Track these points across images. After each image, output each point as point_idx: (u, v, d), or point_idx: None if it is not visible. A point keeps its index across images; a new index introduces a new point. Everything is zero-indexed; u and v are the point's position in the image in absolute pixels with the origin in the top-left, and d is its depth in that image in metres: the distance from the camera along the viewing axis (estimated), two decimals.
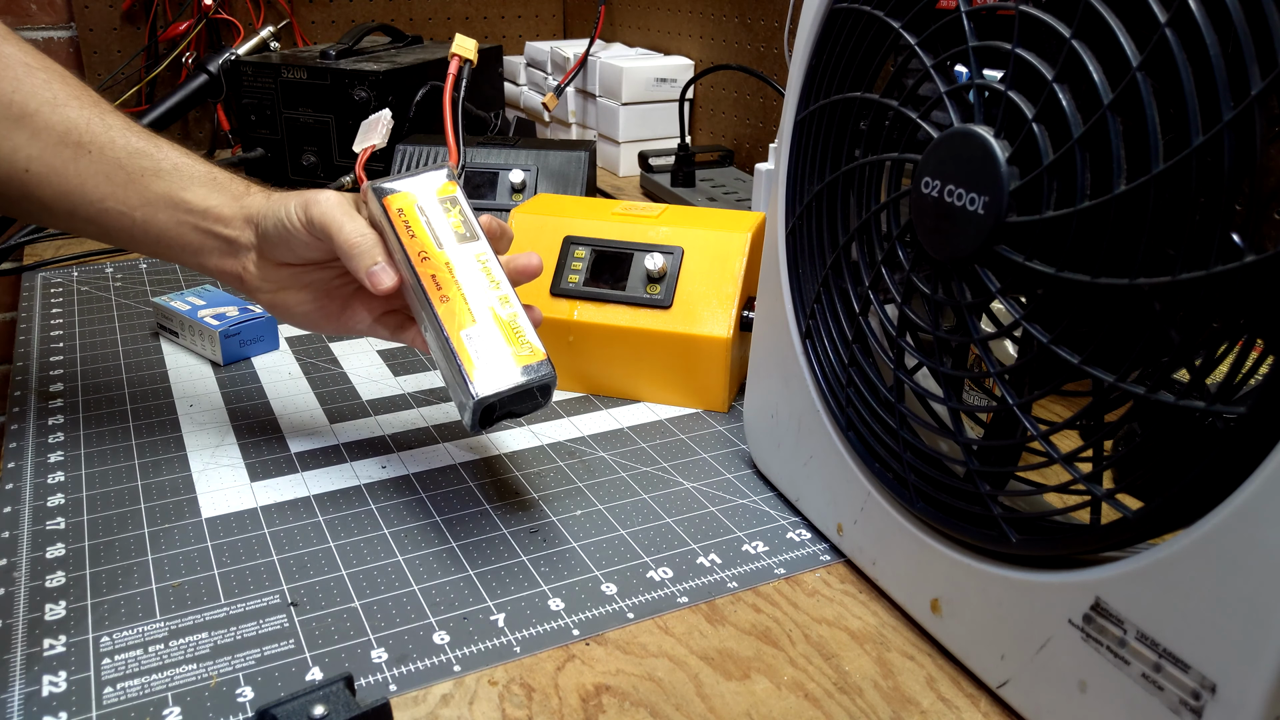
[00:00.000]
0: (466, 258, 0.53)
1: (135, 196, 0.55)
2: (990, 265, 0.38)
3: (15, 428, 0.63)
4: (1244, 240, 0.30)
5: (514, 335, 0.51)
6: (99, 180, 0.54)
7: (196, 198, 0.55)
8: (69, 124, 0.55)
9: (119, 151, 0.55)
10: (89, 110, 0.56)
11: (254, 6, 1.37)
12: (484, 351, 0.50)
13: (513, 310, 0.52)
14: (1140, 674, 0.34)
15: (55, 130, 0.54)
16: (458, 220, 0.54)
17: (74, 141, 0.54)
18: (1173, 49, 0.30)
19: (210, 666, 0.43)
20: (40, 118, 0.54)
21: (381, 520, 0.54)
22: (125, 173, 0.55)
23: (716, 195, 1.08)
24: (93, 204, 0.55)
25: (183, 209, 0.55)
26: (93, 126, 0.55)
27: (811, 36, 0.49)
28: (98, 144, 0.55)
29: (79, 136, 0.55)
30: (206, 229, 0.55)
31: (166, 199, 0.55)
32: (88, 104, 0.56)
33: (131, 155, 0.55)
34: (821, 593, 0.50)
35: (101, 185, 0.55)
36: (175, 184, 0.55)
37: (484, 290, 0.52)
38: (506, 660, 0.44)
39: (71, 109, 0.55)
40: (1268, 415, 0.29)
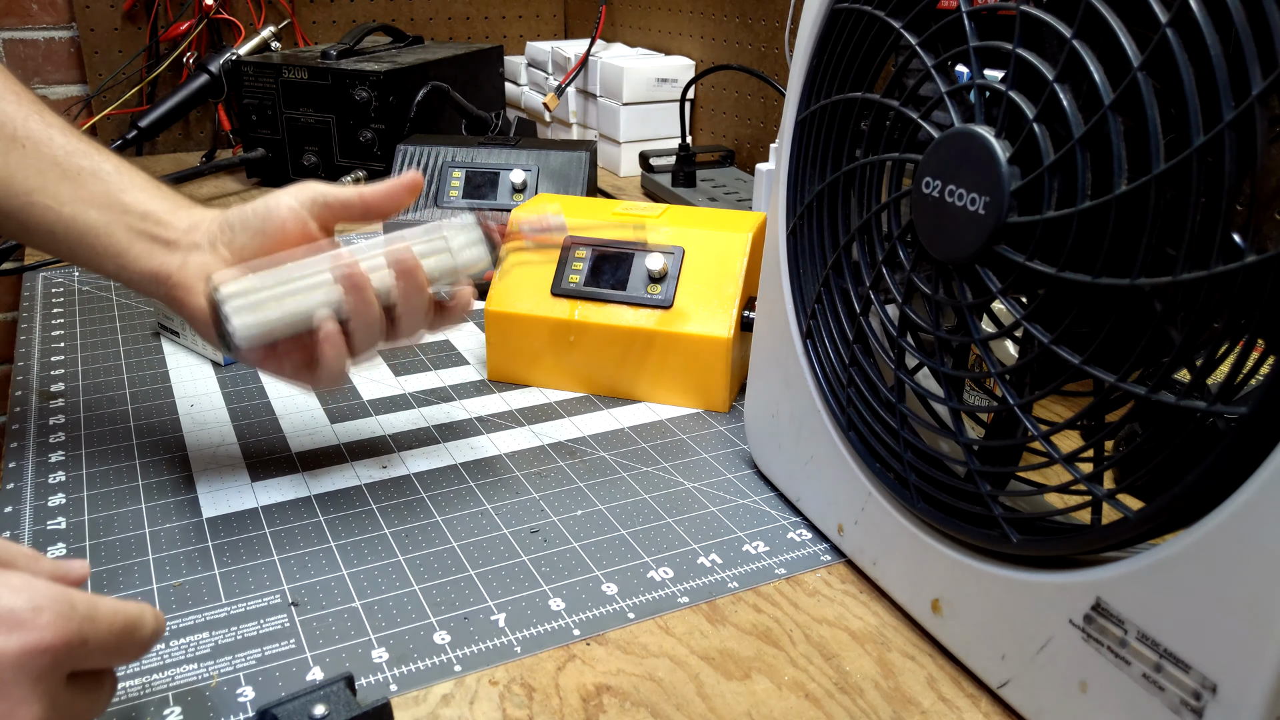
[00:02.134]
0: None
1: (67, 193, 0.53)
2: (991, 265, 0.38)
3: (16, 427, 0.63)
4: (1245, 240, 0.30)
5: None
6: (29, 174, 0.52)
7: (135, 200, 0.53)
8: (3, 117, 0.53)
9: (56, 150, 0.53)
10: (28, 108, 0.54)
11: (255, 6, 1.37)
12: None
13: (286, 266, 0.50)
14: (1141, 674, 0.34)
15: None
16: None
17: (7, 135, 0.53)
18: (1174, 49, 0.30)
19: (211, 666, 0.43)
20: None
21: (382, 520, 0.54)
22: (60, 170, 0.53)
23: (717, 195, 1.08)
24: (18, 196, 0.53)
25: (118, 209, 0.53)
26: (30, 123, 0.54)
27: (812, 37, 0.49)
28: (34, 140, 0.53)
29: (13, 130, 0.53)
30: (142, 229, 0.53)
31: (103, 198, 0.53)
32: (27, 102, 0.55)
33: (70, 154, 0.53)
34: (822, 593, 0.50)
35: (31, 179, 0.52)
36: (115, 185, 0.53)
37: None
38: (507, 660, 0.44)
39: (8, 103, 0.54)
40: (1269, 416, 0.29)
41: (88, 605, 0.32)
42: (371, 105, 1.08)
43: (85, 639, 0.32)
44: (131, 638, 0.34)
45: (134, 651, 0.35)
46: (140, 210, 0.53)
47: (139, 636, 0.35)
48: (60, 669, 0.32)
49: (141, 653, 0.35)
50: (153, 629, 0.35)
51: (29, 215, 0.53)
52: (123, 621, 0.34)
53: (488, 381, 0.72)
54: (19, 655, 0.30)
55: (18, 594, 0.31)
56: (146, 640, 0.35)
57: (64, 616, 0.31)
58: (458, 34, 1.56)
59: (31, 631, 0.30)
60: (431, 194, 0.96)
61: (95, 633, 0.32)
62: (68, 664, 0.32)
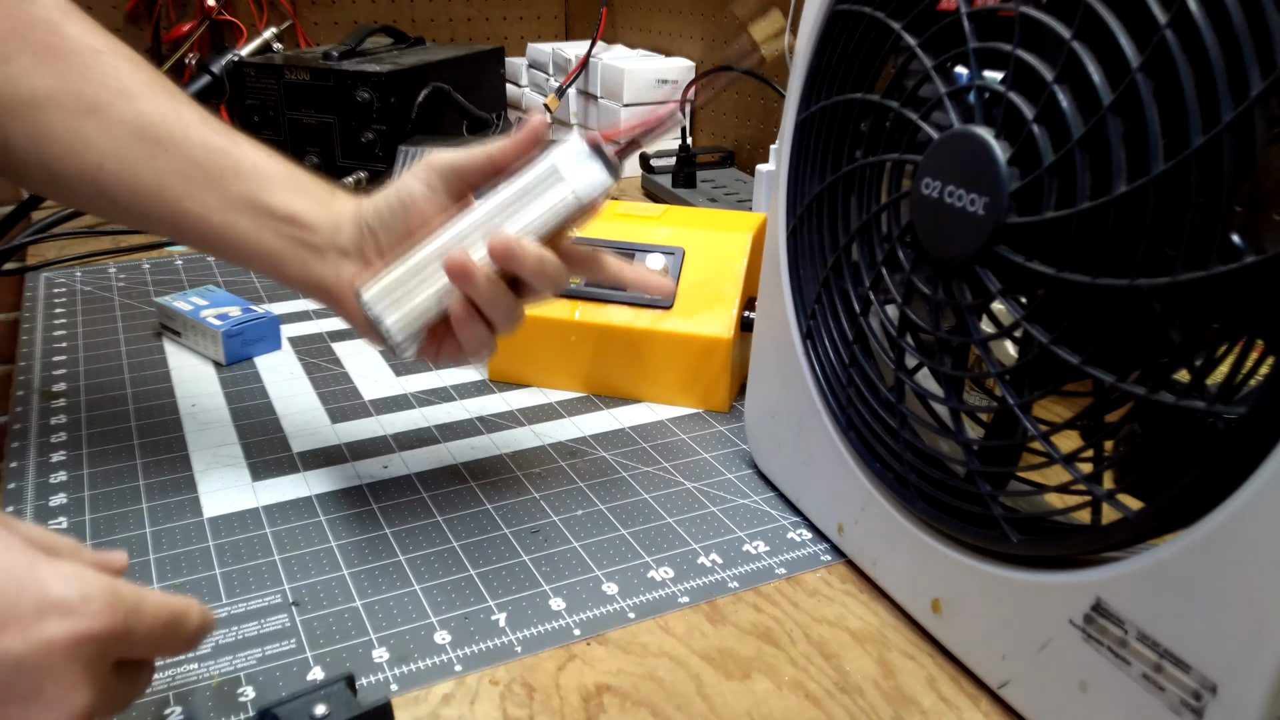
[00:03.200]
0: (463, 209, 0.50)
1: (214, 198, 0.51)
2: (990, 266, 0.38)
3: (18, 427, 0.63)
4: (1244, 241, 0.30)
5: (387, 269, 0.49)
6: (176, 180, 0.50)
7: (280, 201, 0.51)
8: (144, 118, 0.51)
9: (196, 149, 0.51)
10: (164, 103, 0.52)
11: (257, 8, 1.37)
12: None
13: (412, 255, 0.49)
14: (1141, 674, 0.35)
15: (129, 125, 0.50)
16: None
17: (150, 138, 0.50)
18: (1173, 50, 0.30)
19: (212, 666, 0.43)
20: (113, 110, 0.50)
21: (383, 520, 0.54)
22: (203, 172, 0.51)
23: (717, 196, 1.08)
24: (169, 205, 0.51)
25: (263, 212, 0.51)
26: (168, 121, 0.51)
27: (812, 38, 0.49)
28: (174, 141, 0.51)
29: (155, 132, 0.50)
30: (290, 235, 0.51)
31: (246, 201, 0.51)
32: (160, 94, 0.52)
33: (210, 153, 0.51)
34: (822, 593, 0.50)
35: (178, 185, 0.50)
36: (256, 185, 0.51)
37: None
38: (508, 660, 0.44)
39: (145, 101, 0.51)
40: (1268, 416, 0.29)
41: (135, 596, 0.33)
42: (373, 106, 1.08)
43: (131, 629, 0.32)
44: (176, 631, 0.35)
45: (179, 645, 0.36)
46: (285, 213, 0.51)
47: (184, 630, 0.35)
48: (108, 656, 0.32)
49: (188, 647, 0.36)
50: (198, 624, 0.36)
51: (183, 224, 0.51)
52: (168, 614, 0.34)
53: (488, 381, 0.72)
54: (71, 642, 0.31)
55: (69, 583, 0.31)
56: (192, 634, 0.36)
57: (112, 606, 0.32)
58: (459, 35, 1.56)
59: (82, 619, 0.31)
60: None
61: (141, 624, 0.33)
62: (115, 652, 0.33)
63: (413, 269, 0.48)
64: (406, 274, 0.48)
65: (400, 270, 0.48)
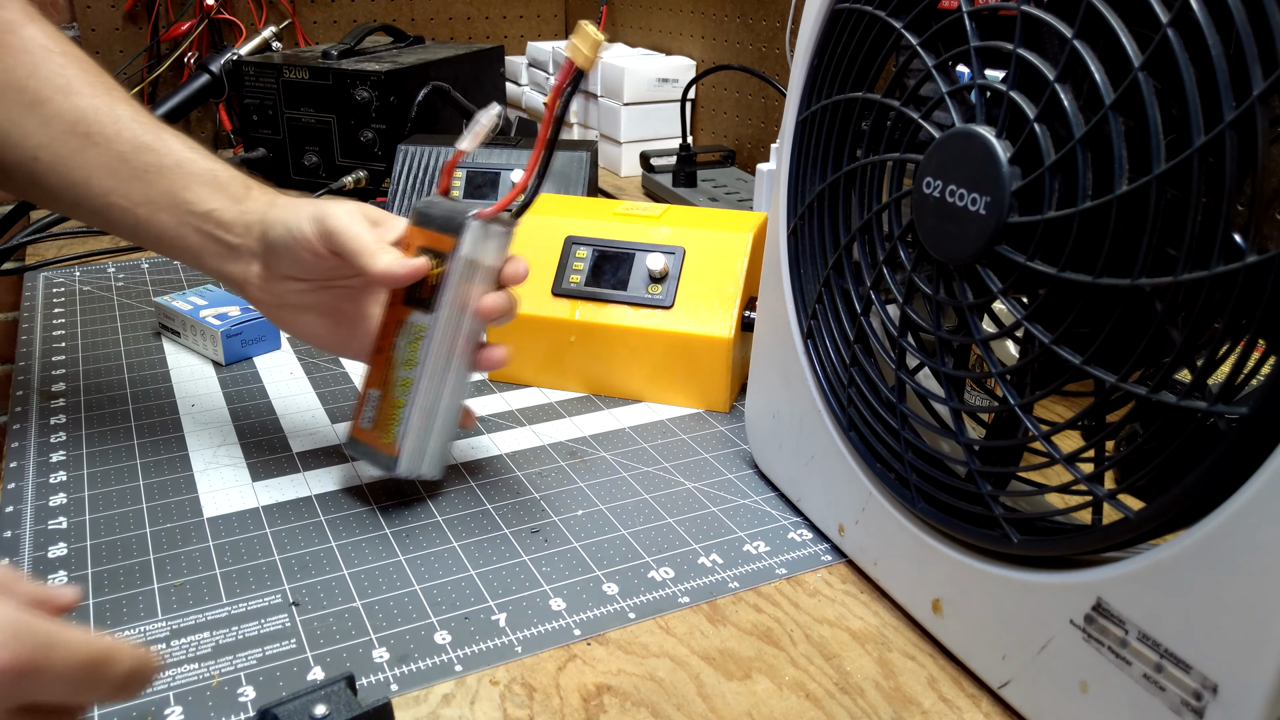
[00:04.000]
0: (408, 325, 0.52)
1: (138, 193, 0.53)
2: (992, 265, 0.38)
3: (17, 427, 0.63)
4: (1246, 240, 0.30)
5: (387, 420, 0.53)
6: (103, 174, 0.53)
7: (197, 199, 0.54)
8: (78, 113, 0.53)
9: (124, 145, 0.53)
10: (100, 99, 0.54)
11: (256, 6, 1.37)
12: (366, 415, 0.54)
13: (404, 398, 0.52)
14: (1142, 674, 0.34)
15: (65, 119, 0.53)
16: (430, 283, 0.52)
17: (82, 132, 0.53)
18: (1175, 49, 0.30)
19: (212, 666, 0.43)
20: (52, 105, 0.53)
21: (383, 520, 0.54)
22: (129, 168, 0.53)
23: (718, 195, 1.08)
24: (97, 197, 0.54)
25: (184, 209, 0.54)
26: (101, 117, 0.54)
27: (813, 37, 0.49)
28: (104, 135, 0.53)
29: (87, 127, 0.53)
30: (208, 232, 0.54)
31: (168, 198, 0.53)
32: (100, 91, 0.55)
33: (136, 150, 0.54)
34: (823, 593, 0.50)
35: (106, 179, 0.53)
36: (177, 182, 0.54)
37: (399, 364, 0.52)
38: (508, 660, 0.44)
39: (83, 97, 0.54)
40: (1269, 416, 0.29)
41: (48, 634, 0.30)
42: (372, 105, 1.08)
43: (39, 667, 0.30)
44: (98, 673, 0.32)
45: (106, 690, 0.32)
46: (202, 210, 0.54)
47: (109, 673, 0.32)
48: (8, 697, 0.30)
49: (120, 693, 0.33)
50: (130, 669, 0.33)
51: (111, 215, 0.54)
52: (89, 655, 0.31)
53: (488, 381, 0.72)
54: None
55: None
56: (122, 680, 0.32)
57: (16, 640, 0.29)
58: (458, 34, 1.56)
59: None
60: (431, 194, 0.96)
61: (52, 663, 0.30)
62: (18, 693, 0.30)
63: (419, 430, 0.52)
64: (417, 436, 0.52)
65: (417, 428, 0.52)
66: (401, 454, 0.51)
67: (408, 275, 0.51)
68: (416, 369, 0.51)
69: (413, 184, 0.97)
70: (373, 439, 0.53)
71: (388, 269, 0.50)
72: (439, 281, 0.51)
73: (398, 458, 0.52)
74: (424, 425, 0.52)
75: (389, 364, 0.53)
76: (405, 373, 0.52)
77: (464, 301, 0.52)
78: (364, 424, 0.54)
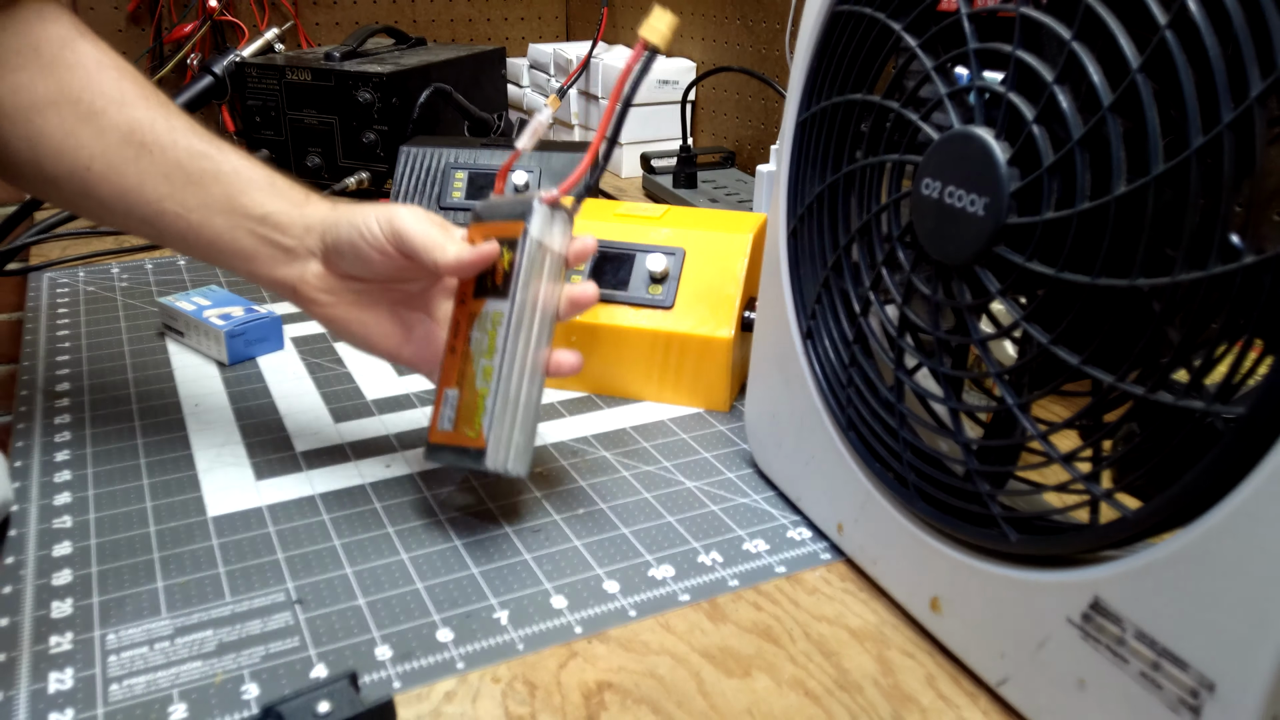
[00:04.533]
0: (484, 315, 0.52)
1: (193, 198, 0.54)
2: (990, 266, 0.39)
3: (22, 427, 0.63)
4: (1243, 241, 0.30)
5: (470, 413, 0.52)
6: (158, 180, 0.54)
7: (254, 202, 0.54)
8: (134, 123, 0.54)
9: (180, 153, 0.54)
10: (155, 110, 0.55)
11: (258, 8, 1.38)
12: (445, 415, 0.53)
13: (487, 387, 0.51)
14: (1139, 672, 0.35)
15: (120, 129, 0.54)
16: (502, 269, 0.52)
17: (137, 141, 0.54)
18: (1172, 51, 0.31)
19: (215, 664, 0.44)
20: (107, 116, 0.54)
21: (386, 519, 0.55)
22: (185, 173, 0.54)
23: (718, 196, 1.08)
24: (150, 204, 0.54)
25: (239, 213, 0.54)
26: (157, 127, 0.54)
27: (813, 39, 0.49)
28: (160, 144, 0.54)
29: (142, 136, 0.54)
30: (263, 235, 0.54)
31: (224, 202, 0.54)
32: (154, 104, 0.56)
33: (192, 157, 0.54)
34: (822, 591, 0.50)
35: (160, 186, 0.54)
36: (234, 187, 0.54)
37: (477, 355, 0.52)
38: (509, 657, 0.45)
39: (138, 108, 0.55)
40: (1266, 416, 0.29)
41: None
42: (374, 107, 1.08)
43: None
44: None
45: None
46: (259, 214, 0.54)
47: None
48: None
49: None
50: None
51: (161, 223, 0.54)
52: None
53: None
54: None
55: None
56: None
57: None
58: (460, 36, 1.56)
59: None
60: (434, 196, 0.96)
61: None
62: None
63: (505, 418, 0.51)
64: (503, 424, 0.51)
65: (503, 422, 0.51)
66: (489, 442, 0.50)
67: (478, 260, 0.51)
68: (497, 355, 0.51)
69: (415, 185, 0.97)
70: (455, 438, 0.52)
71: (458, 257, 0.51)
72: (511, 267, 0.51)
73: (485, 449, 0.50)
74: (509, 413, 0.51)
75: (465, 358, 0.52)
76: (486, 361, 0.51)
77: (538, 284, 0.52)
78: (444, 425, 0.53)
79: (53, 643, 0.45)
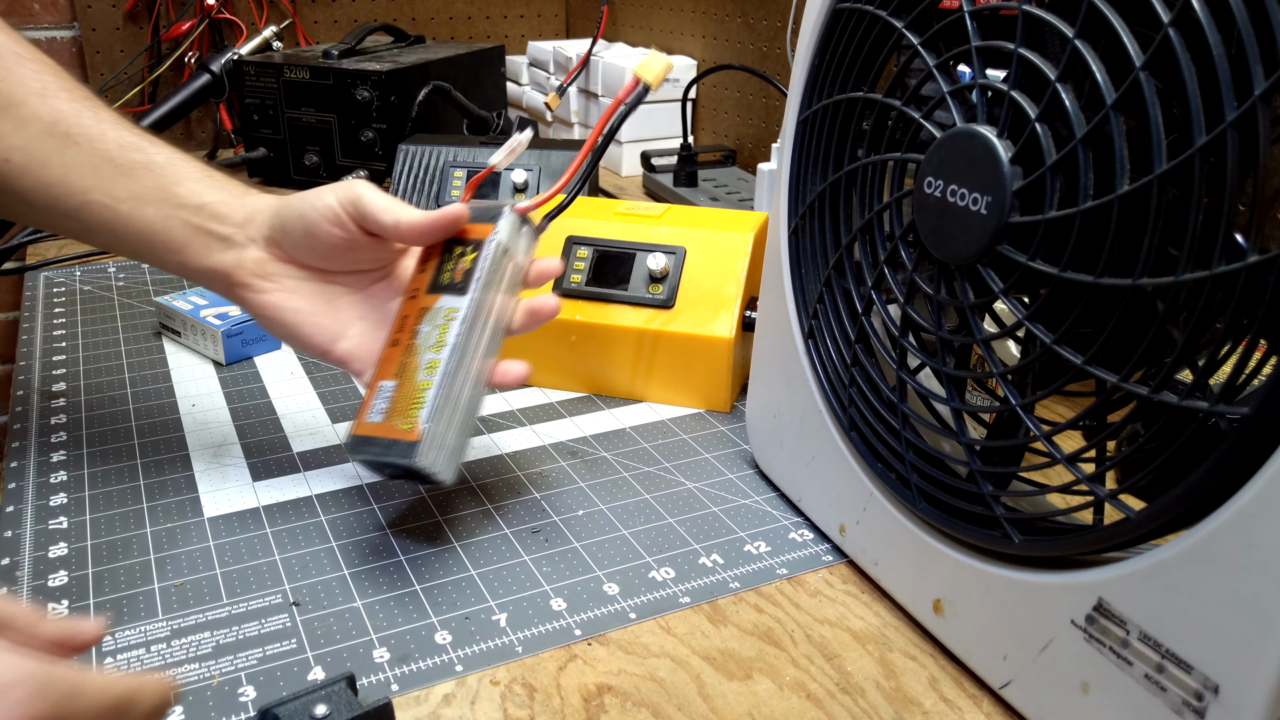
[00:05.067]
0: (436, 309, 0.51)
1: (123, 189, 0.52)
2: (993, 265, 0.38)
3: (18, 427, 0.63)
4: (1247, 240, 0.30)
5: (406, 405, 0.49)
6: (84, 172, 0.52)
7: (190, 193, 0.53)
8: (57, 114, 0.52)
9: (109, 144, 0.52)
10: (80, 103, 0.53)
11: (256, 6, 1.37)
12: (377, 407, 0.50)
13: (429, 380, 0.49)
14: (1143, 675, 0.34)
15: (42, 120, 0.52)
16: (463, 267, 0.52)
17: (61, 132, 0.52)
18: (1176, 48, 0.30)
19: (212, 666, 0.43)
20: (27, 107, 0.52)
21: (383, 520, 0.54)
22: (114, 165, 0.52)
23: (719, 195, 1.08)
24: (75, 196, 0.52)
25: (174, 203, 0.52)
26: (83, 118, 0.53)
27: (814, 36, 0.49)
28: (87, 136, 0.52)
29: (67, 127, 0.52)
30: (198, 224, 0.53)
31: (157, 193, 0.52)
32: (79, 97, 0.54)
33: (123, 149, 0.53)
34: (824, 593, 0.50)
35: (87, 177, 0.52)
36: (167, 178, 0.53)
37: (423, 349, 0.51)
38: (508, 660, 0.44)
39: (61, 100, 0.53)
40: (1271, 416, 0.29)
41: (70, 683, 0.29)
42: (373, 105, 1.08)
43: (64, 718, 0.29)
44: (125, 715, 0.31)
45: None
46: (195, 203, 0.53)
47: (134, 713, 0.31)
48: None
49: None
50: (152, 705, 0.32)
51: (88, 214, 0.53)
52: (114, 698, 0.30)
53: None
54: None
55: None
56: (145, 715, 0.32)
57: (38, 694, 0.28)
58: (459, 34, 1.56)
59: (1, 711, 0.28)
60: (433, 194, 0.96)
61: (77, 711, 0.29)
62: None
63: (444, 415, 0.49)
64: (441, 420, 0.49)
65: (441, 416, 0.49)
66: (425, 437, 0.48)
67: (441, 222, 0.51)
68: (446, 349, 0.50)
69: (413, 183, 0.97)
70: (385, 429, 0.50)
71: (423, 218, 0.51)
72: (473, 265, 0.51)
73: (419, 442, 0.48)
74: (448, 409, 0.50)
75: (409, 351, 0.51)
76: (433, 355, 0.50)
77: (497, 288, 0.51)
78: (373, 416, 0.51)
79: None
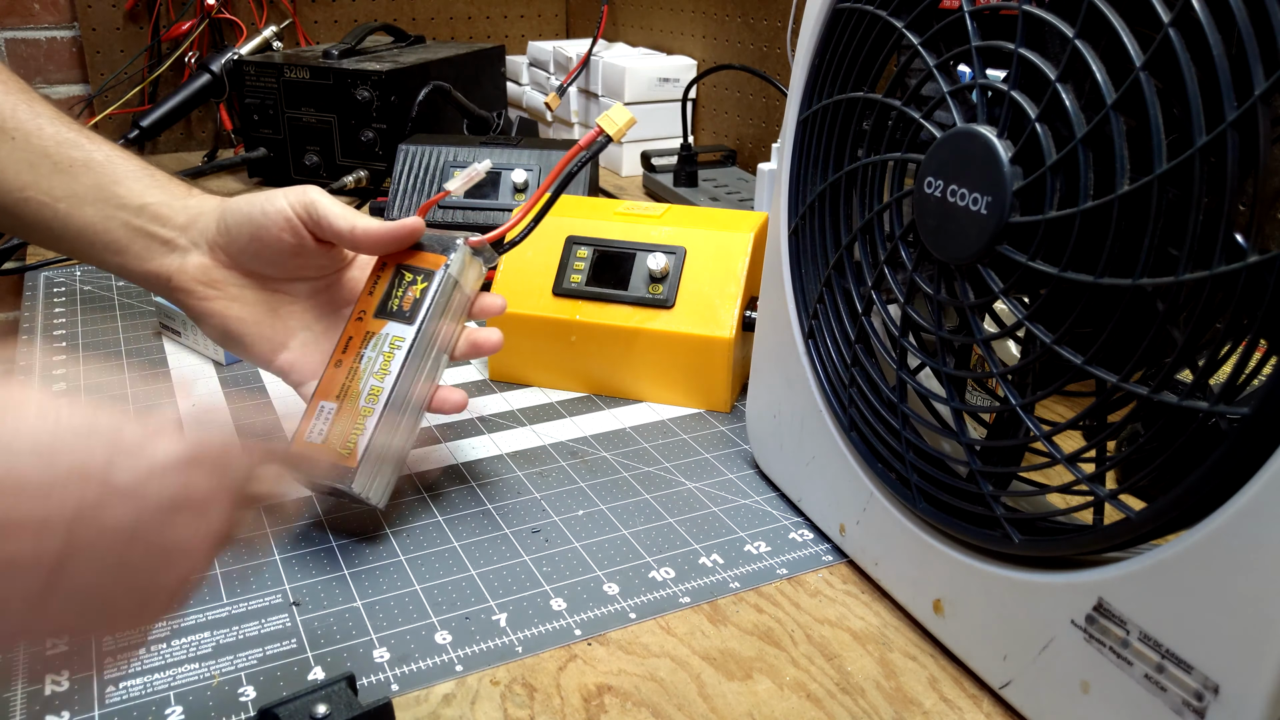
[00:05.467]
0: (382, 335, 0.52)
1: (60, 187, 0.51)
2: (993, 265, 0.38)
3: None
4: (1247, 240, 0.30)
5: (345, 432, 0.50)
6: (21, 168, 0.51)
7: (130, 193, 0.51)
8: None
9: (46, 140, 0.51)
10: (16, 97, 0.52)
11: (256, 6, 1.37)
12: (316, 428, 0.51)
13: (371, 408, 0.50)
14: (1143, 675, 0.34)
15: None
16: (412, 296, 0.52)
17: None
18: (1176, 49, 0.30)
19: (212, 665, 0.43)
20: None
21: (383, 520, 0.54)
22: (51, 162, 0.51)
23: (719, 195, 1.08)
24: (11, 193, 0.51)
25: (114, 203, 0.51)
26: (18, 113, 0.51)
27: (814, 36, 0.49)
28: (23, 131, 0.51)
29: (1, 122, 0.51)
30: (139, 226, 0.51)
31: (95, 192, 0.51)
32: (15, 90, 0.52)
33: (60, 145, 0.51)
34: (824, 593, 0.50)
35: (23, 173, 0.51)
36: (106, 176, 0.51)
37: (366, 374, 0.51)
38: (508, 660, 0.44)
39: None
40: (1271, 416, 0.29)
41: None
42: (373, 105, 1.08)
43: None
44: None
45: None
46: (136, 204, 0.51)
47: None
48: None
49: None
50: None
51: (24, 211, 0.51)
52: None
53: (489, 381, 0.72)
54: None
55: None
56: None
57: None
58: (459, 33, 1.56)
59: None
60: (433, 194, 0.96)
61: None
62: None
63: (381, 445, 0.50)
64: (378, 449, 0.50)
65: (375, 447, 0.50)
66: (362, 464, 0.49)
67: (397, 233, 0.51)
68: (389, 378, 0.50)
69: (413, 184, 0.97)
70: (324, 451, 0.50)
71: (379, 227, 0.51)
72: (421, 295, 0.52)
73: (355, 469, 0.49)
74: (386, 441, 0.50)
75: (353, 374, 0.51)
76: (376, 382, 0.50)
77: (445, 318, 0.52)
78: (312, 437, 0.51)
79: (49, 644, 0.44)
